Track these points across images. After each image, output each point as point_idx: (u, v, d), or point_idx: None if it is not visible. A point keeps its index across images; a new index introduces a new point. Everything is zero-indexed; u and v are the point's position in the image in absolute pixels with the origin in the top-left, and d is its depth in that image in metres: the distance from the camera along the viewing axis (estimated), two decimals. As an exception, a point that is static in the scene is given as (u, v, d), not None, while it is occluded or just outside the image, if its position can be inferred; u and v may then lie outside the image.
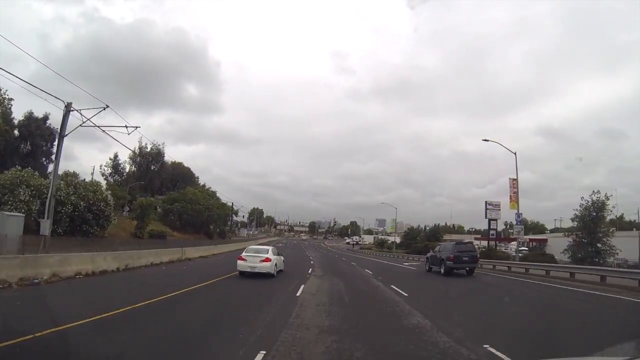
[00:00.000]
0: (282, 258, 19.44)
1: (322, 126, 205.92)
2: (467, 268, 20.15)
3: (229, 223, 76.52)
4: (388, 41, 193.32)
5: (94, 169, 72.97)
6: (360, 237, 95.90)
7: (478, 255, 21.29)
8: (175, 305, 9.22)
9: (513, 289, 15.14)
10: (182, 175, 78.21)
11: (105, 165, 67.86)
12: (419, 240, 71.68)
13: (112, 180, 69.20)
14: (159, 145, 68.69)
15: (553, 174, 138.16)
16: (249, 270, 16.08)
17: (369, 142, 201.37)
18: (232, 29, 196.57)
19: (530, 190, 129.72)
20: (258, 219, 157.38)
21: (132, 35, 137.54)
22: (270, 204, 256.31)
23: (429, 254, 24.39)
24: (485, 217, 45.19)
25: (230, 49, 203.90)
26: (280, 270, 18.15)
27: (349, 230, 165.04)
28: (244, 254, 17.05)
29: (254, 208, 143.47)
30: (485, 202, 48.63)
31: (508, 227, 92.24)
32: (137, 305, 8.50)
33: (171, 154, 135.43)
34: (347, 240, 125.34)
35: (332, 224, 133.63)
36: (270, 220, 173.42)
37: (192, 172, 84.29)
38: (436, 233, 72.14)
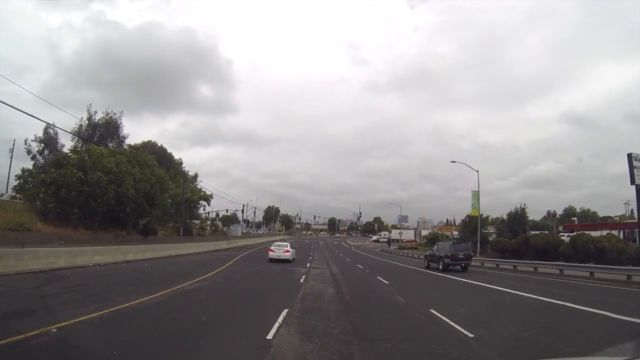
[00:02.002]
0: (295, 250, 28.55)
1: (341, 123, 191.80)
2: (462, 264, 21.26)
3: (198, 213, 54.40)
4: (402, 30, 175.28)
5: (14, 144, 51.33)
6: (399, 231, 70.29)
7: (472, 253, 22.16)
8: None
9: None
10: (151, 154, 59.48)
11: (33, 140, 46.41)
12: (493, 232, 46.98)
13: (41, 159, 47.75)
14: (114, 114, 46.86)
15: (578, 163, 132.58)
16: (276, 257, 24.27)
17: (389, 137, 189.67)
18: (241, 25, 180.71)
19: (555, 181, 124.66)
20: (272, 217, 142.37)
21: (141, 37, 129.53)
22: (291, 204, 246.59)
23: (427, 253, 25.69)
24: (632, 183, 26.64)
25: (241, 46, 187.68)
26: (294, 258, 25.87)
27: (375, 225, 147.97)
28: (272, 247, 26.04)
29: (269, 206, 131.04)
30: (629, 155, 26.46)
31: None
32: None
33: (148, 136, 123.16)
34: (374, 238, 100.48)
35: (357, 218, 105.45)
36: (284, 218, 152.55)
37: (168, 153, 65.34)
38: (522, 219, 46.83)
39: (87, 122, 44.51)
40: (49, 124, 31.29)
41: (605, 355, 4.95)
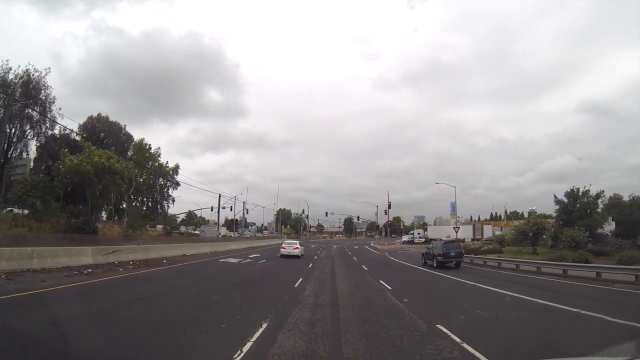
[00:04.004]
0: (303, 247, 31.05)
1: (353, 124, 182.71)
2: (454, 262, 21.68)
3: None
4: (412, 24, 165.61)
5: None
6: (453, 225, 43.64)
7: (462, 251, 23.20)
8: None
9: None
10: (100, 131, 49.76)
11: None
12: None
13: None
14: (35, 72, 33.74)
15: (596, 155, 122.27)
16: (287, 253, 26.89)
17: (402, 136, 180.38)
18: (247, 26, 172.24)
19: (572, 175, 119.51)
20: (283, 220, 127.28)
21: (145, 43, 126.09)
22: (307, 207, 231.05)
23: (423, 251, 25.89)
24: None
25: (248, 48, 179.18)
26: (302, 255, 28.24)
27: (401, 224, 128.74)
28: (283, 244, 29.35)
29: (280, 209, 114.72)
30: None
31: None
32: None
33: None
34: (405, 238, 74.81)
35: (384, 211, 74.31)
36: (295, 222, 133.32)
37: (125, 131, 52.68)
38: None
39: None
40: None
41: (605, 355, 4.77)
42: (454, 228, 43.86)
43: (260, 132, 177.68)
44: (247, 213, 72.23)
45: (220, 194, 51.19)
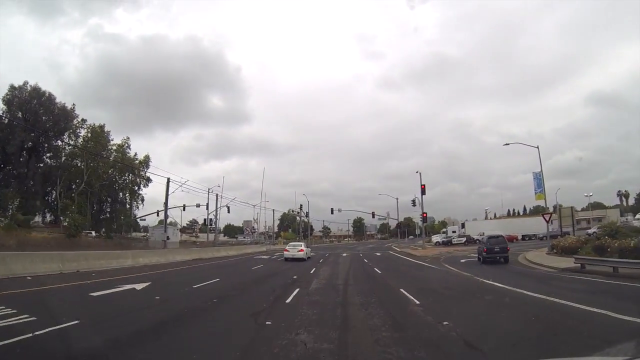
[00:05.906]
0: (310, 249, 31.39)
1: (359, 126, 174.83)
2: (499, 257, 21.41)
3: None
4: (415, 21, 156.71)
5: None
6: (544, 219, 27.02)
7: (507, 247, 22.35)
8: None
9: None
10: (36, 109, 41.24)
11: None
12: None
13: None
14: None
15: (606, 147, 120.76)
16: (290, 256, 25.66)
17: (409, 137, 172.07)
18: (246, 28, 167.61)
19: (581, 170, 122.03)
20: (289, 225, 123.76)
21: (143, 49, 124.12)
22: (313, 212, 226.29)
23: (478, 246, 27.09)
24: None
25: (248, 50, 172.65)
26: (309, 257, 27.38)
27: (422, 224, 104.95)
28: (287, 247, 27.82)
29: (284, 212, 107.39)
30: None
31: None
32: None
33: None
34: (437, 239, 57.38)
35: (413, 201, 53.93)
36: (297, 226, 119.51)
37: (67, 109, 44.19)
38: None
39: None
40: None
41: (605, 355, 4.57)
42: (543, 217, 26.88)
43: (265, 137, 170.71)
44: (229, 212, 56.04)
45: (168, 178, 35.05)
